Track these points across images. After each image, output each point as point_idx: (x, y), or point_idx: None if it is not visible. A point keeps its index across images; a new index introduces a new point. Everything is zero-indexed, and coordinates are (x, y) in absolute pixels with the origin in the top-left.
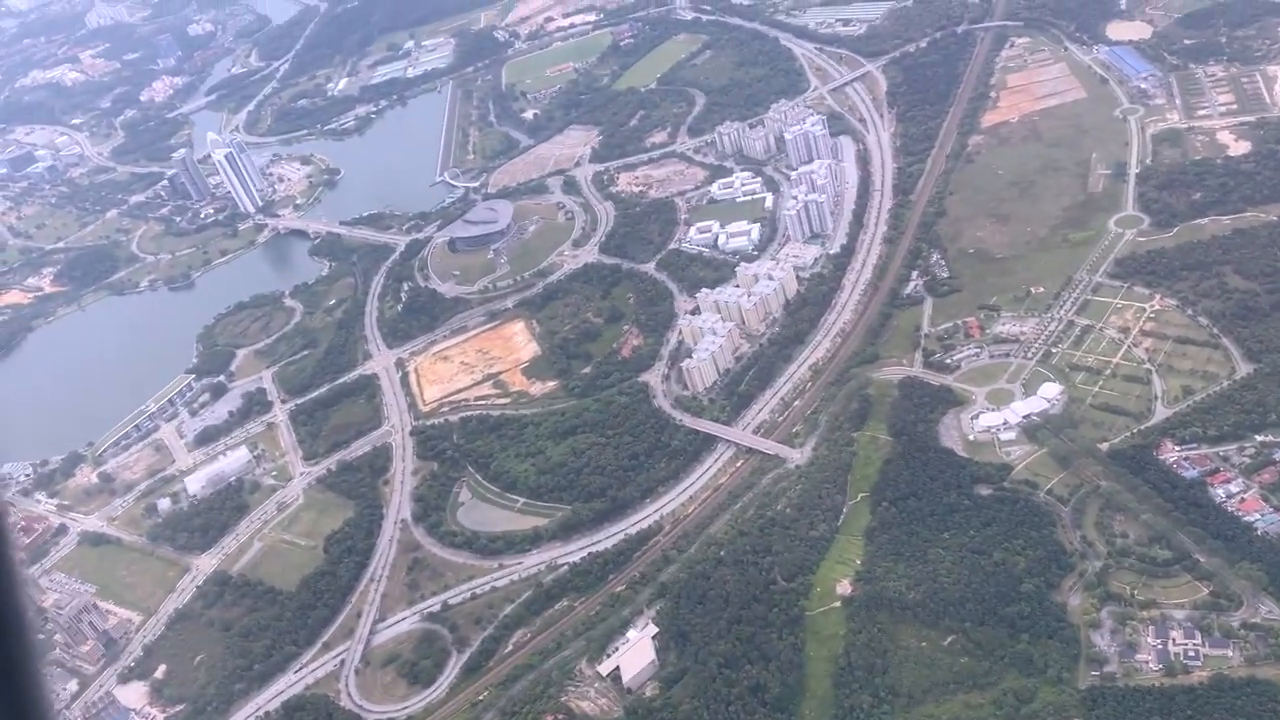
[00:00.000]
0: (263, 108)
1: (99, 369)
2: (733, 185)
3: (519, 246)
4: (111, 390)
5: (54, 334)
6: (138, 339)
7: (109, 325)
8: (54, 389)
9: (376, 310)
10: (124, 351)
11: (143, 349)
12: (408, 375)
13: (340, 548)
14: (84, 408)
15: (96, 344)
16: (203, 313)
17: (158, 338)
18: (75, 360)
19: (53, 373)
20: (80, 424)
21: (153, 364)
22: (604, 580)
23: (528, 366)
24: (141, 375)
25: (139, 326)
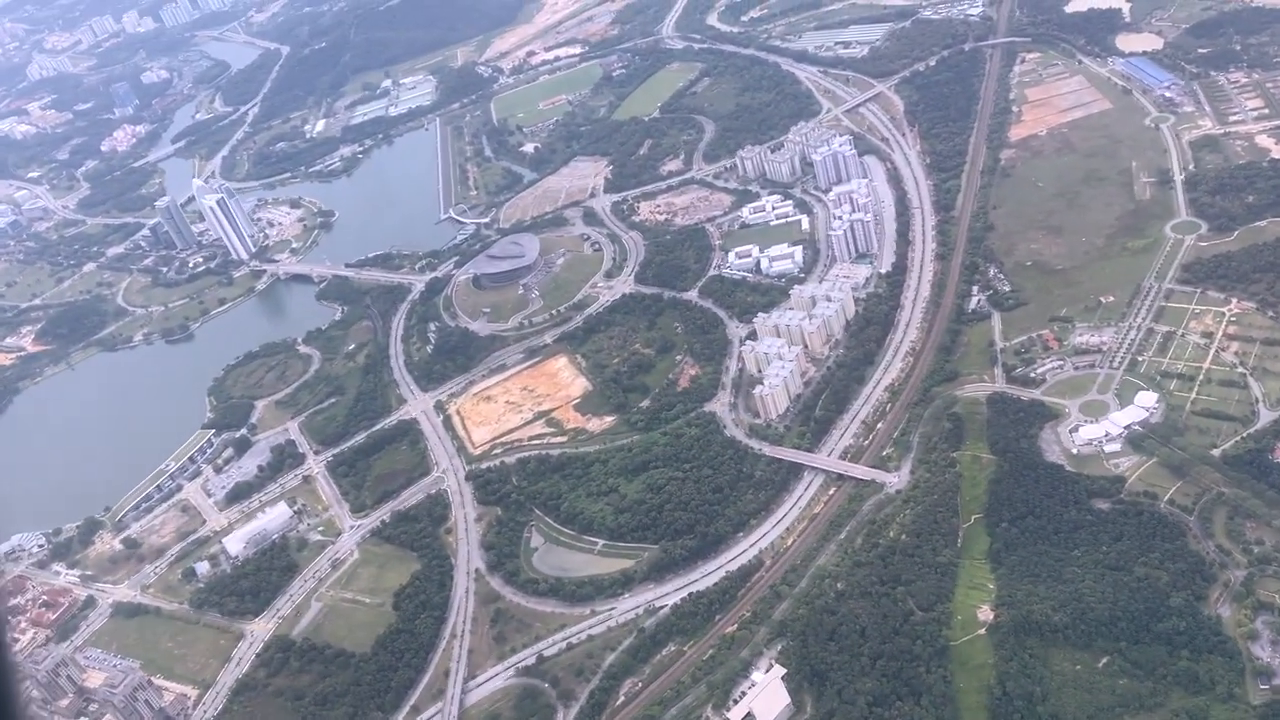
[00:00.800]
0: (237, 153)
1: (101, 429)
2: (764, 209)
3: (550, 280)
4: (118, 451)
5: (44, 395)
6: (139, 396)
7: (104, 383)
8: (53, 453)
9: (403, 353)
10: (125, 409)
11: (146, 406)
12: (450, 418)
13: (413, 603)
14: (90, 471)
15: (93, 403)
16: (206, 364)
17: (161, 393)
18: (73, 421)
19: (49, 436)
20: (90, 488)
21: (160, 421)
22: (710, 621)
23: (580, 402)
24: (149, 433)
25: (138, 382)
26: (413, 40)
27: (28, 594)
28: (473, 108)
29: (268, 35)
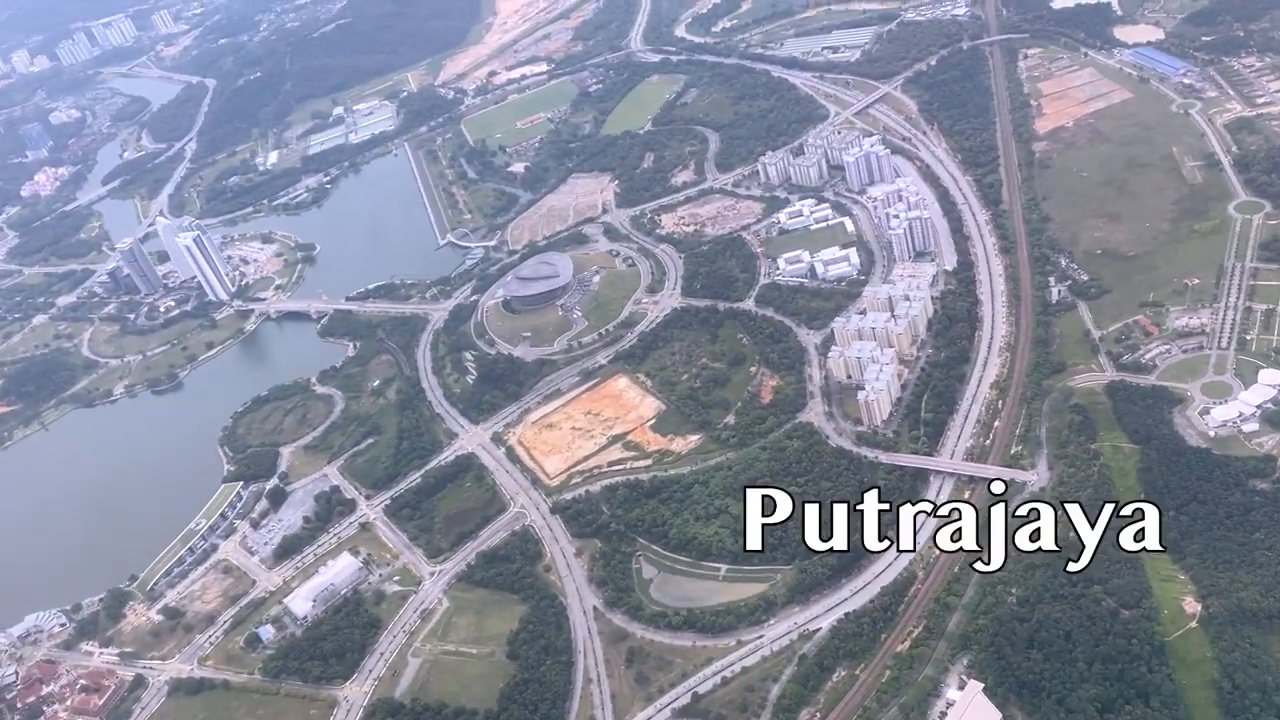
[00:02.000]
0: (183, 190)
1: (100, 492)
2: (801, 214)
3: (590, 299)
4: (127, 514)
5: (19, 460)
6: (134, 453)
7: (89, 442)
8: (47, 522)
9: (438, 385)
10: (123, 469)
11: (147, 464)
12: (513, 449)
13: (531, 649)
14: (100, 538)
15: (82, 465)
16: (205, 414)
17: (160, 449)
18: (61, 487)
19: (37, 504)
20: (103, 557)
21: (168, 478)
22: (877, 641)
23: (655, 423)
24: (159, 493)
25: (130, 439)
26: (357, 66)
27: (61, 680)
28: (442, 130)
29: (184, 69)
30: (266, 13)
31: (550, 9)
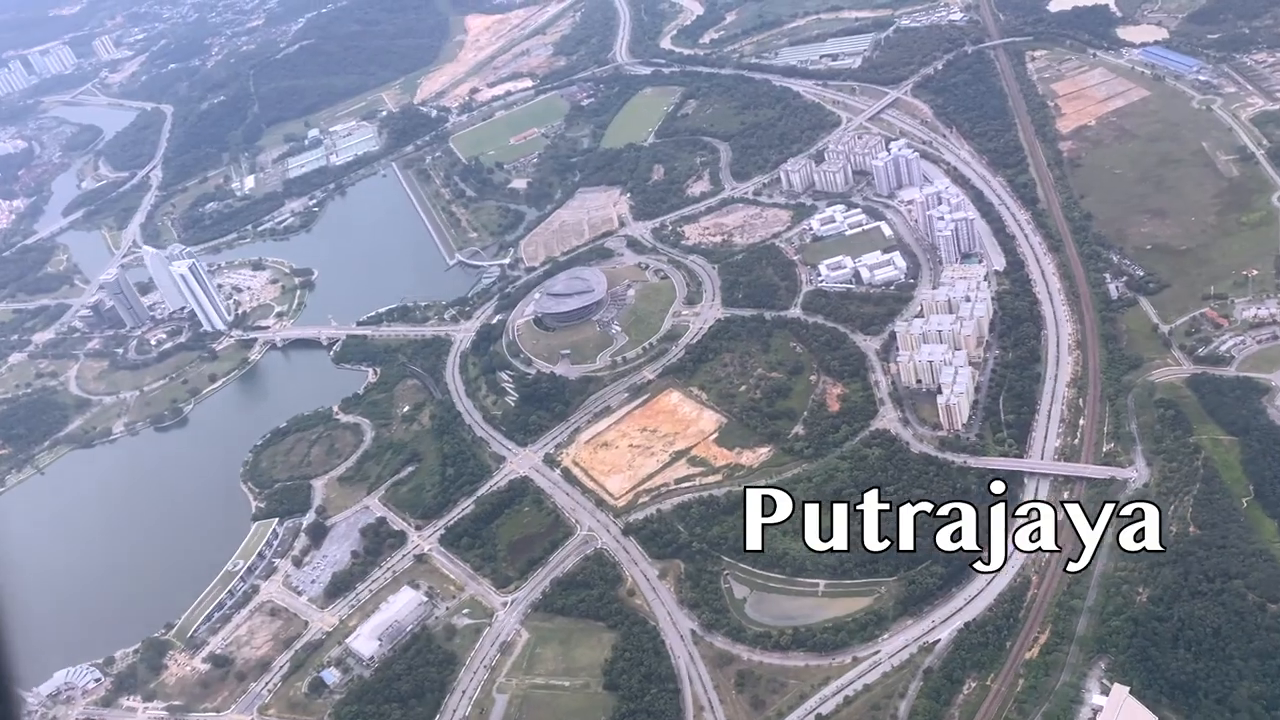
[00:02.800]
0: (155, 219)
1: (113, 538)
2: (833, 219)
3: (628, 313)
4: (148, 559)
5: (15, 505)
6: (146, 494)
7: (91, 485)
8: (59, 571)
9: (476, 408)
10: (136, 511)
11: (161, 504)
12: (568, 470)
13: (631, 678)
14: (122, 586)
15: (87, 509)
16: (216, 450)
17: (172, 488)
18: (68, 532)
19: (45, 552)
20: (130, 605)
21: (187, 518)
22: (1003, 650)
23: (719, 436)
24: (181, 535)
25: (138, 479)
26: (328, 87)
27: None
28: (430, 149)
29: (135, 96)
30: (216, 36)
31: (523, 25)
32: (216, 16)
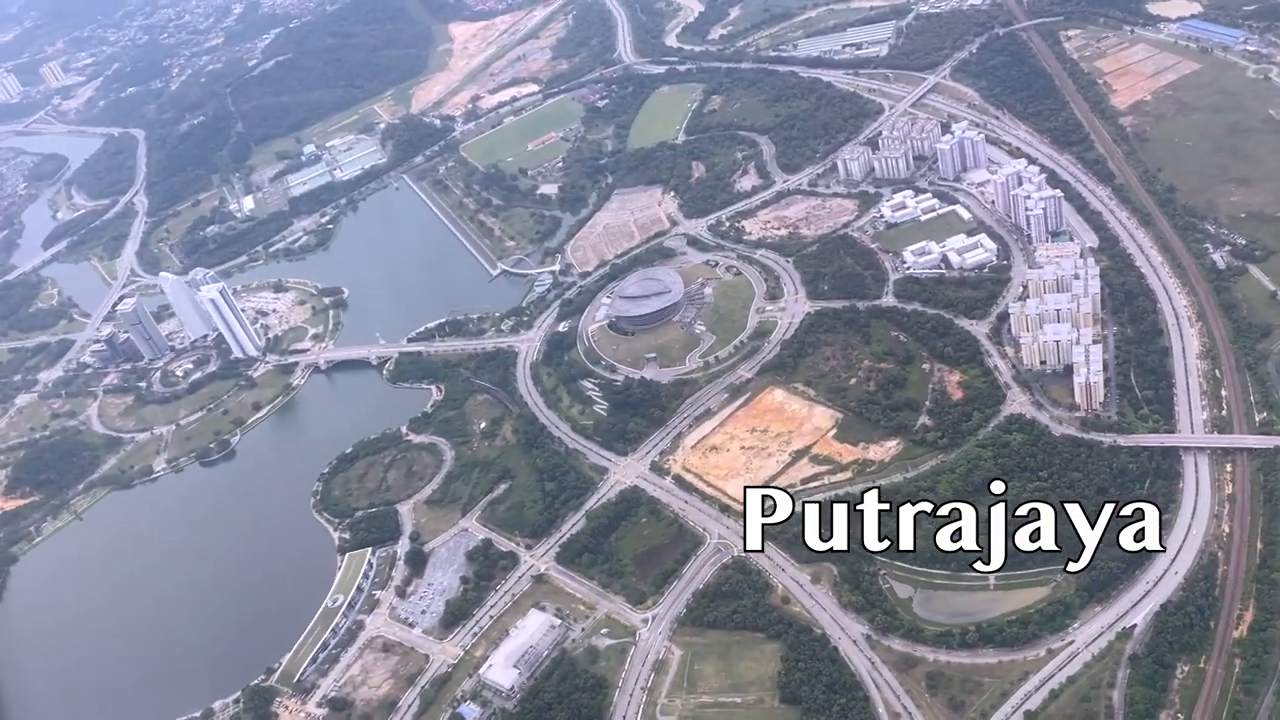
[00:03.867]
0: (150, 247)
1: (181, 581)
2: (904, 206)
3: (710, 312)
4: (227, 601)
5: (56, 556)
6: (206, 532)
7: (141, 527)
8: (131, 622)
9: (563, 419)
10: (197, 551)
11: (228, 541)
12: (681, 478)
13: (814, 690)
14: (205, 632)
15: (141, 554)
16: (274, 480)
17: (237, 524)
18: (126, 579)
19: (108, 602)
20: (219, 652)
21: (261, 555)
22: (1208, 629)
23: (837, 432)
24: (257, 572)
25: (194, 518)
26: (315, 102)
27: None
28: (441, 159)
29: (95, 122)
30: (174, 57)
31: (512, 31)
32: (169, 37)
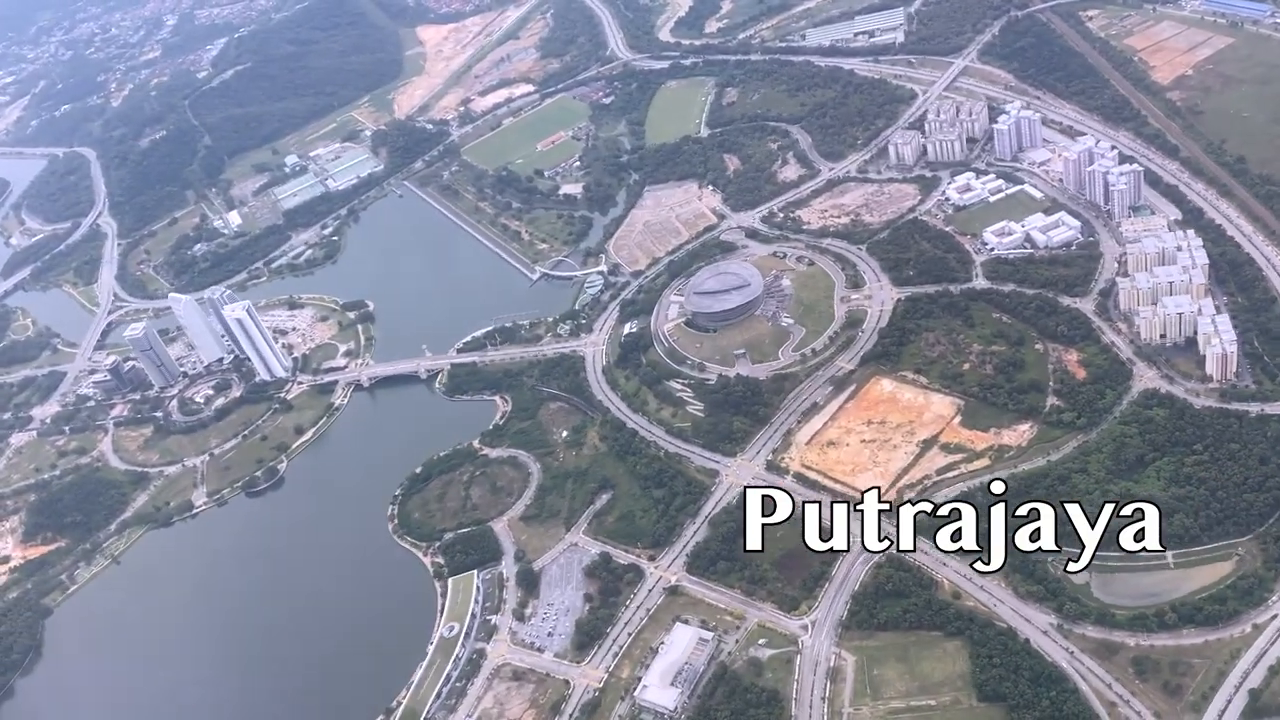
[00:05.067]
0: (129, 269)
1: (255, 622)
2: (970, 188)
3: (794, 304)
4: (319, 639)
5: (95, 605)
6: (272, 567)
7: (189, 567)
8: (214, 668)
9: (653, 422)
10: (270, 588)
11: (300, 575)
12: (804, 476)
13: (1015, 685)
14: (307, 675)
15: (200, 595)
16: (330, 507)
17: (303, 555)
18: (194, 625)
19: (160, 661)
20: (327, 697)
21: (341, 588)
22: None
23: (962, 419)
24: (346, 607)
25: (252, 553)
26: (287, 111)
27: None
28: (443, 164)
29: (29, 143)
30: (108, 72)
31: (486, 32)
32: (96, 52)
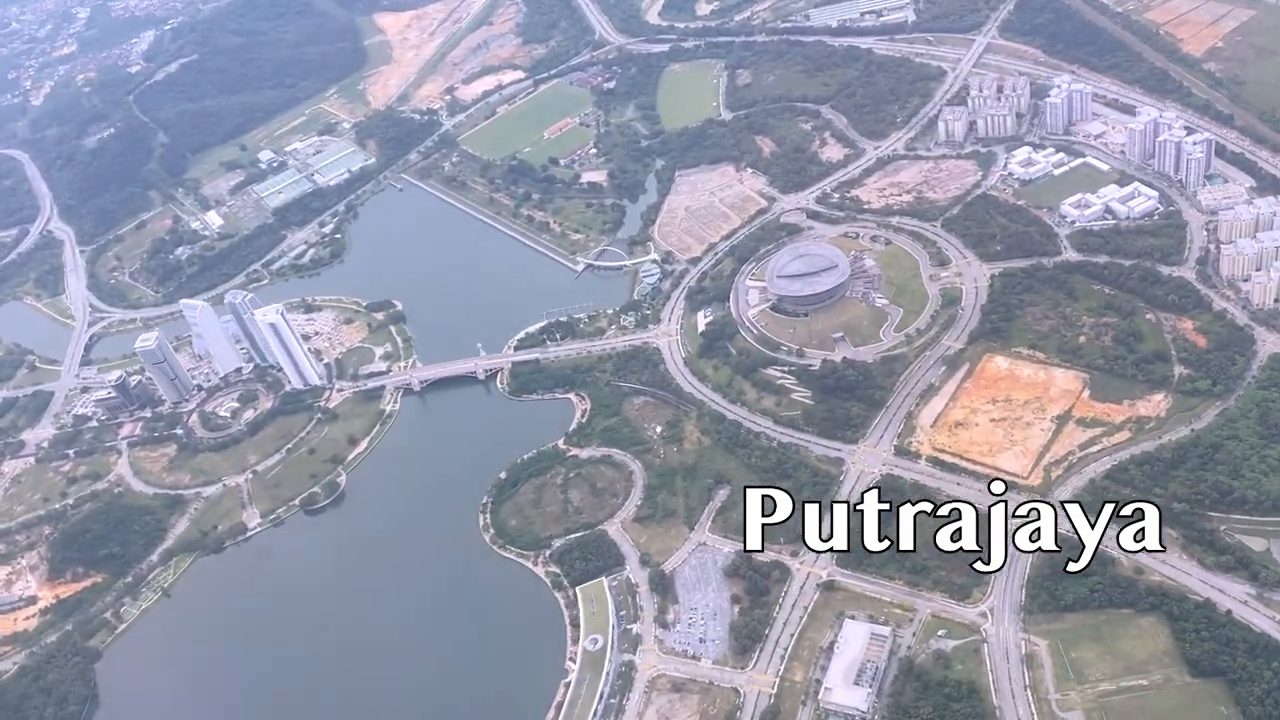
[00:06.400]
0: (101, 277)
1: (348, 653)
2: (1033, 161)
3: (886, 284)
4: (443, 663)
5: (152, 643)
6: (347, 590)
7: (250, 595)
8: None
9: (756, 412)
10: (349, 613)
11: (395, 594)
12: (939, 459)
13: (1233, 659)
14: (432, 703)
15: (266, 627)
16: (401, 521)
17: (389, 574)
18: (276, 661)
19: (249, 698)
20: None
21: (448, 606)
22: None
23: (1091, 392)
24: (454, 625)
25: (321, 576)
26: (250, 105)
27: None
28: (442, 155)
29: None
30: (18, 69)
31: (454, 19)
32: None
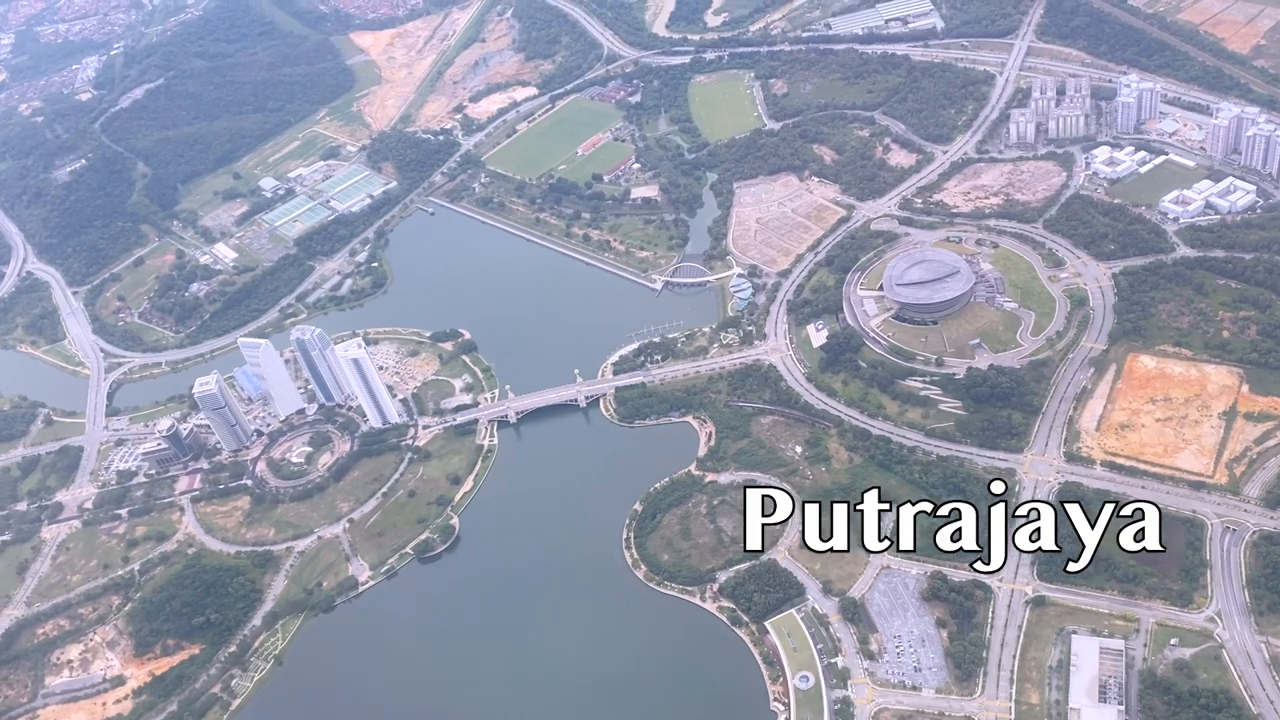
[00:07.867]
0: (107, 319)
1: (519, 710)
2: (1118, 161)
3: (1011, 288)
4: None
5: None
6: (492, 641)
7: (377, 656)
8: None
9: (901, 425)
10: (502, 668)
11: (543, 644)
12: (1114, 464)
13: None
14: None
15: (386, 696)
16: (539, 559)
17: (536, 620)
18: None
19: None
20: None
21: (626, 653)
22: None
23: (1251, 386)
24: (638, 673)
25: (453, 626)
26: (236, 130)
27: None
28: (469, 177)
29: None
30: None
31: (439, 36)
32: None
